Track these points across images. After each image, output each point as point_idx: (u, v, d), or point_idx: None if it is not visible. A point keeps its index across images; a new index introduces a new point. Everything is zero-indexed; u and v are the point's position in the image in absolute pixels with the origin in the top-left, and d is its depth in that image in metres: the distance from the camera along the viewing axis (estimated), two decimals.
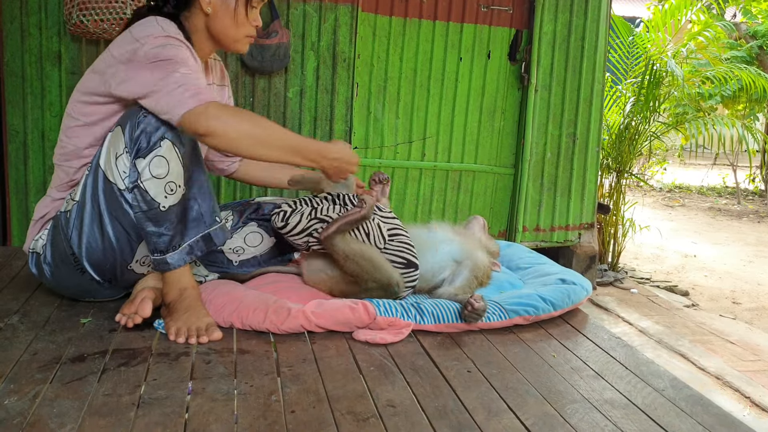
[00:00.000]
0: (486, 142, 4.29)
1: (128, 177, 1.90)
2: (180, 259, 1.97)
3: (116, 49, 1.94)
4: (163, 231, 1.92)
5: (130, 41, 1.91)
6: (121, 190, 1.92)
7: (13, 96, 3.46)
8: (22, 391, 1.56)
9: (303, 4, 3.77)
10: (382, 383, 1.71)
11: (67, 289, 2.11)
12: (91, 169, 1.98)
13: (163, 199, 1.90)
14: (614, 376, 1.85)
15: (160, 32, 1.91)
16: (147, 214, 1.91)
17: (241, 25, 2.06)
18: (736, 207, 8.94)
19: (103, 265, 2.01)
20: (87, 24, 3.24)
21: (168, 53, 1.87)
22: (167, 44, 1.89)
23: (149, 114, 1.87)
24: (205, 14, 2.05)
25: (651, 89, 5.09)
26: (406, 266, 2.17)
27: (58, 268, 2.05)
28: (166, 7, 2.05)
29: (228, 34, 2.08)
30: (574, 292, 2.32)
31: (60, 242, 2.01)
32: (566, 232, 4.46)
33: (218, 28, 2.07)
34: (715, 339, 3.91)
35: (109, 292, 2.11)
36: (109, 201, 1.94)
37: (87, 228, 1.97)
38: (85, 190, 1.97)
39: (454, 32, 4.11)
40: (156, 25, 1.93)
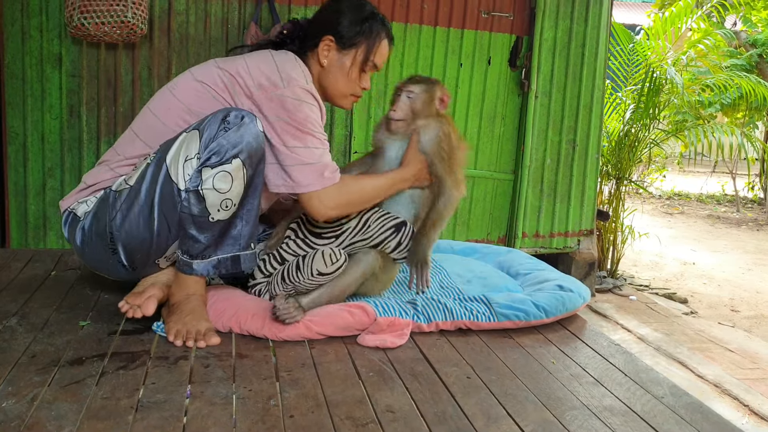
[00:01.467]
0: (486, 148, 4.29)
1: (191, 181, 1.92)
2: (204, 269, 1.99)
3: (253, 65, 2.00)
4: (202, 239, 1.95)
5: (271, 70, 1.98)
6: (180, 190, 1.94)
7: (13, 98, 3.47)
8: (20, 394, 1.55)
9: (304, 8, 3.77)
10: (381, 389, 1.71)
11: (89, 258, 2.11)
12: (154, 160, 1.98)
13: (216, 212, 1.93)
14: (613, 382, 1.84)
15: (302, 83, 1.99)
16: (194, 219, 1.93)
17: (351, 83, 2.14)
18: (735, 215, 8.95)
19: (136, 253, 2.02)
20: (88, 27, 3.25)
21: (306, 111, 1.97)
22: (305, 100, 1.98)
23: (230, 129, 1.90)
24: (320, 65, 2.11)
25: (651, 96, 5.10)
26: (397, 230, 2.16)
27: (91, 239, 2.04)
28: (291, 44, 2.13)
29: (337, 90, 2.15)
30: (570, 300, 2.32)
31: (104, 217, 2.02)
32: (565, 239, 4.46)
33: (329, 81, 2.13)
34: (713, 347, 3.91)
35: (125, 275, 2.11)
36: (163, 196, 1.95)
37: (133, 215, 1.98)
38: (144, 179, 1.98)
39: (455, 38, 4.12)
40: (299, 70, 2.01)
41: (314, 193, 1.99)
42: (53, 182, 3.56)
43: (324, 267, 2.04)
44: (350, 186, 2.08)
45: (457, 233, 4.31)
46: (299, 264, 2.06)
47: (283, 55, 2.05)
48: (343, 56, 2.11)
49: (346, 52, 2.11)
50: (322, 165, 1.99)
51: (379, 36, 2.13)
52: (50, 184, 3.56)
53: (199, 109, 2.01)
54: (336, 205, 2.04)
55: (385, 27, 2.15)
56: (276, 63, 2.00)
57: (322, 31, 2.10)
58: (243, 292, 2.21)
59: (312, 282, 2.06)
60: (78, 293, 2.25)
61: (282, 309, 1.96)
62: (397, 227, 2.15)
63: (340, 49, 2.10)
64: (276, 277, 2.11)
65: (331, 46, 2.10)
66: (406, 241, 2.15)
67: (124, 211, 1.98)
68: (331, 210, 2.03)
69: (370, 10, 2.13)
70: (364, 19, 2.11)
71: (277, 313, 1.96)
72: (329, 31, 2.09)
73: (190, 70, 2.09)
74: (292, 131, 1.96)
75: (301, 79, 1.99)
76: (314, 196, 2.00)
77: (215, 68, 2.03)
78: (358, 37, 2.10)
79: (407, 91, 2.18)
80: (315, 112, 2.01)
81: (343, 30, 2.09)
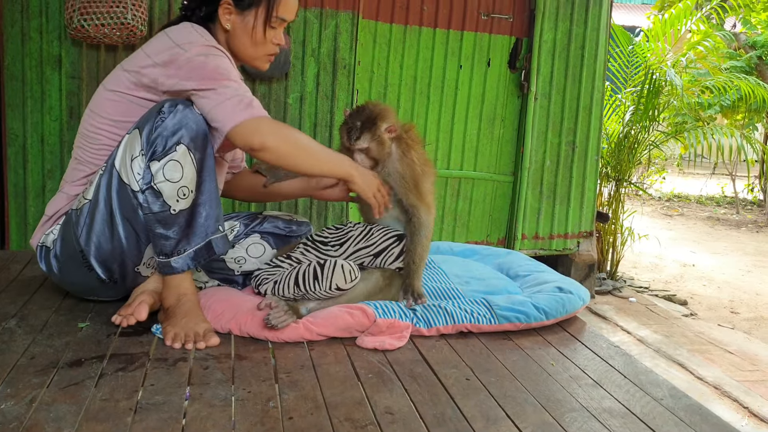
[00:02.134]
0: (485, 150, 4.29)
1: (142, 179, 1.92)
2: (184, 263, 1.98)
3: (152, 50, 1.97)
4: (171, 234, 1.94)
5: (169, 45, 1.95)
6: (135, 191, 1.93)
7: (12, 99, 3.47)
8: (19, 396, 1.55)
9: (304, 10, 3.77)
10: (381, 390, 1.70)
11: (72, 285, 2.12)
12: (105, 169, 1.99)
13: (175, 203, 1.91)
14: (613, 384, 1.84)
15: (201, 41, 1.95)
16: (157, 216, 1.92)
17: (259, 44, 2.08)
18: (735, 217, 8.95)
19: (111, 264, 2.02)
20: (88, 28, 3.24)
21: (213, 62, 1.93)
22: (209, 53, 1.94)
23: (167, 118, 1.89)
24: (225, 30, 2.07)
25: (650, 98, 5.10)
26: (399, 240, 2.18)
27: (65, 263, 2.05)
28: (194, 16, 2.07)
29: (247, 53, 2.11)
30: (570, 302, 2.32)
31: (70, 238, 2.02)
32: (565, 240, 4.46)
33: (237, 45, 2.09)
34: (713, 348, 3.91)
35: (113, 292, 2.11)
36: (122, 202, 1.95)
37: (98, 227, 1.98)
38: (99, 189, 1.98)
39: (455, 40, 4.12)
40: (195, 33, 1.97)
41: (246, 122, 1.90)
42: (53, 184, 3.56)
43: (344, 282, 2.07)
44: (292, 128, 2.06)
45: (456, 235, 4.31)
46: (317, 274, 2.07)
47: (178, 28, 2.00)
48: (245, 17, 2.05)
49: (248, 12, 2.05)
50: (248, 98, 1.93)
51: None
52: (50, 185, 3.56)
53: (122, 117, 2.01)
54: (272, 131, 1.93)
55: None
56: (170, 37, 1.96)
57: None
58: (241, 293, 2.22)
59: (328, 294, 2.08)
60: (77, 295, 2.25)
61: (273, 317, 1.97)
62: (398, 237, 2.18)
63: (240, 10, 2.04)
64: (288, 279, 2.11)
65: (230, 8, 2.04)
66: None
67: (87, 226, 1.99)
68: (268, 136, 1.91)
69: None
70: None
71: (272, 322, 1.96)
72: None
73: (102, 83, 2.08)
74: (208, 83, 1.91)
75: (199, 38, 1.95)
76: (246, 125, 1.90)
77: (122, 72, 2.02)
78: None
79: (358, 151, 2.13)
80: (225, 62, 1.96)
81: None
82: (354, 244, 2.19)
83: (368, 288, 2.16)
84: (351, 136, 2.12)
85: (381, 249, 2.17)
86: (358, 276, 2.10)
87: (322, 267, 2.08)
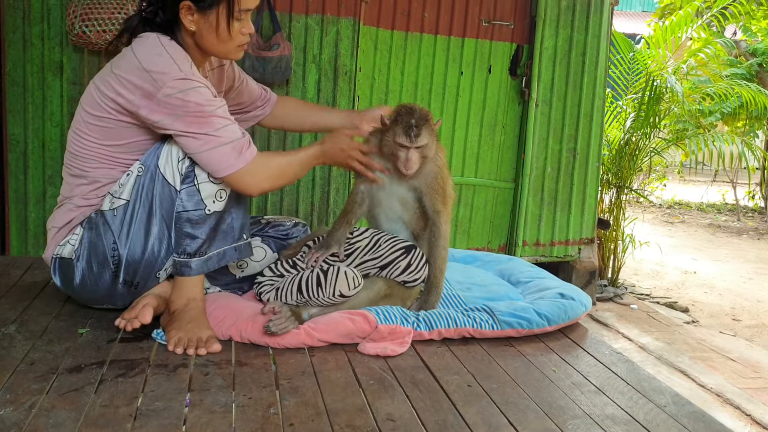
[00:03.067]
0: (486, 156, 4.29)
1: (186, 179, 1.96)
2: (202, 266, 2.01)
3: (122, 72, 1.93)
4: (198, 234, 1.98)
5: (137, 68, 1.90)
6: (178, 191, 1.97)
7: (14, 105, 3.47)
8: (18, 402, 1.54)
9: (305, 17, 3.78)
10: (382, 397, 1.70)
11: (92, 293, 2.10)
12: (145, 170, 1.99)
13: (211, 204, 1.98)
14: (615, 391, 1.83)
15: (174, 71, 1.90)
16: (189, 215, 1.97)
17: (226, 40, 2.02)
18: (736, 224, 8.94)
19: (138, 266, 2.02)
20: (89, 35, 3.25)
21: (194, 99, 1.91)
22: (186, 88, 1.90)
23: None
24: (191, 32, 2.02)
25: (651, 105, 5.10)
26: (407, 252, 2.16)
27: (91, 270, 2.04)
28: (158, 18, 2.01)
29: (216, 49, 2.06)
30: (572, 308, 2.31)
31: (100, 243, 2.02)
32: (566, 247, 4.45)
33: (205, 44, 2.04)
34: (715, 356, 3.90)
35: (127, 299, 2.11)
36: (162, 202, 1.98)
37: (135, 227, 2.00)
38: (139, 190, 1.99)
39: (456, 47, 4.12)
40: (165, 56, 1.91)
41: (243, 170, 1.96)
42: (53, 190, 3.55)
43: (347, 289, 2.08)
44: (273, 158, 2.11)
45: (457, 241, 4.30)
46: (320, 281, 2.07)
47: (145, 46, 1.94)
48: (208, 16, 1.98)
49: (209, 11, 1.97)
50: (239, 143, 1.95)
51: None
52: (50, 191, 3.55)
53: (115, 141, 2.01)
54: (268, 176, 2.02)
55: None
56: (140, 62, 1.91)
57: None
58: (242, 299, 2.21)
59: (331, 301, 2.08)
60: (77, 301, 2.24)
61: (273, 324, 1.96)
62: (407, 249, 2.16)
63: (202, 10, 1.97)
64: (291, 285, 2.10)
65: (192, 9, 1.97)
66: (416, 262, 2.15)
67: (126, 226, 2.00)
68: (264, 181, 2.02)
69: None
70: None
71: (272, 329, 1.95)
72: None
73: (80, 102, 2.05)
74: (194, 121, 1.91)
75: (171, 69, 1.90)
76: (244, 173, 1.96)
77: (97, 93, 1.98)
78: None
79: (415, 149, 2.09)
80: (203, 93, 1.93)
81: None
82: (360, 256, 2.17)
83: (370, 296, 2.15)
84: (411, 136, 2.08)
85: (388, 262, 2.15)
86: (361, 283, 2.10)
87: (325, 274, 2.07)
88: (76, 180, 2.08)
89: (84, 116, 2.01)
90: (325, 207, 3.93)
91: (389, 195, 2.23)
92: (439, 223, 2.20)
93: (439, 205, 2.19)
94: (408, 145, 2.09)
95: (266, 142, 3.81)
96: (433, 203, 2.19)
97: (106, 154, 2.03)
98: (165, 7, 2.00)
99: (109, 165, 2.04)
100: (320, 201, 3.95)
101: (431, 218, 2.21)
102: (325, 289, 2.06)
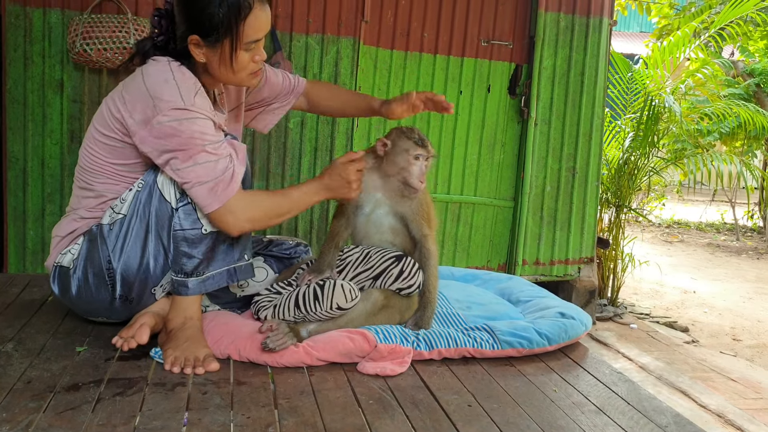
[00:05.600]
0: (486, 175, 4.30)
1: (182, 195, 1.95)
2: (199, 286, 2.00)
3: (130, 97, 1.93)
4: (195, 254, 1.97)
5: (144, 97, 1.90)
6: (174, 209, 1.96)
7: (14, 123, 3.47)
8: (15, 420, 1.53)
9: (305, 36, 3.80)
10: (381, 417, 1.68)
11: (87, 304, 2.09)
12: (144, 185, 1.99)
13: (207, 224, 1.96)
14: (616, 411, 1.82)
15: (176, 102, 1.89)
16: (186, 234, 1.96)
17: (237, 70, 2.00)
18: (735, 243, 8.94)
19: (133, 281, 2.01)
20: (90, 53, 3.27)
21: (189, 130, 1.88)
22: (184, 118, 1.88)
23: None
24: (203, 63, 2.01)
25: (650, 125, 5.11)
26: (397, 260, 2.16)
27: (87, 282, 2.04)
28: (170, 44, 2.01)
29: (229, 78, 2.05)
30: (572, 327, 2.30)
31: (96, 256, 2.01)
32: (566, 266, 4.44)
33: (217, 74, 2.03)
34: (716, 376, 3.88)
35: (124, 314, 2.10)
36: (159, 218, 1.97)
37: (130, 242, 1.99)
38: (137, 205, 1.98)
39: (455, 66, 4.14)
40: (171, 85, 1.90)
41: (221, 210, 1.92)
42: (52, 207, 3.55)
43: (344, 302, 2.08)
44: (259, 198, 2.05)
45: (457, 260, 4.30)
46: (317, 295, 2.07)
47: (156, 72, 1.93)
48: (216, 49, 1.96)
49: (217, 44, 1.95)
50: (216, 182, 1.91)
51: (243, 11, 1.92)
52: (49, 209, 3.55)
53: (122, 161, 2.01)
54: (249, 218, 1.96)
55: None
56: (147, 88, 1.90)
57: (185, 31, 1.96)
58: (240, 317, 2.20)
59: (329, 315, 2.08)
60: (75, 319, 2.23)
61: (271, 340, 1.95)
62: (397, 257, 2.17)
63: (210, 44, 1.95)
64: (288, 302, 2.10)
65: (199, 43, 1.95)
66: (409, 268, 2.15)
67: (121, 240, 1.99)
68: (245, 223, 1.96)
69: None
70: (219, 2, 1.91)
71: (269, 345, 1.94)
72: (190, 30, 1.95)
73: (93, 119, 2.06)
74: (181, 155, 1.89)
75: (173, 98, 1.89)
76: (223, 212, 1.92)
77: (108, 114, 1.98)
78: (220, 28, 1.92)
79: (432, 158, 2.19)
80: (200, 125, 1.90)
81: (203, 25, 1.93)
82: (353, 269, 2.18)
83: (367, 308, 2.15)
84: (427, 145, 2.17)
85: (380, 271, 2.15)
86: (358, 296, 2.10)
87: (322, 287, 2.07)
88: (83, 192, 2.08)
89: (94, 133, 2.02)
90: (324, 225, 3.92)
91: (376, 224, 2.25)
92: (427, 245, 2.22)
93: (425, 230, 2.23)
94: (426, 153, 2.15)
95: (266, 161, 3.81)
96: (420, 228, 2.23)
97: (113, 171, 2.03)
98: (175, 39, 2.00)
99: (115, 181, 2.04)
100: (319, 219, 3.95)
101: (419, 241, 2.24)
102: (322, 303, 2.06)
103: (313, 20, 3.81)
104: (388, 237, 2.26)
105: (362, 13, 3.87)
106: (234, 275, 2.06)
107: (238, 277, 2.07)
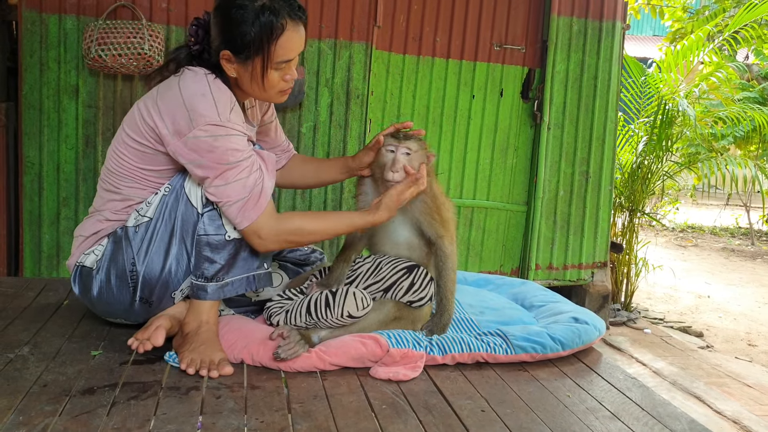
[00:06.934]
0: (498, 179, 4.29)
1: (208, 200, 1.97)
2: (218, 292, 2.01)
3: (165, 107, 1.94)
4: (217, 259, 1.99)
5: (180, 109, 1.91)
6: (200, 214, 1.98)
7: (30, 128, 3.51)
8: (31, 423, 1.54)
9: (318, 41, 3.81)
10: (395, 422, 1.68)
11: (107, 305, 2.10)
12: (171, 190, 2.01)
13: (232, 230, 1.98)
14: (631, 417, 1.81)
15: (212, 117, 1.89)
16: (210, 239, 1.97)
17: (267, 87, 2.02)
18: (750, 248, 8.87)
19: (154, 284, 2.02)
20: (105, 59, 3.29)
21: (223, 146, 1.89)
22: (219, 135, 1.89)
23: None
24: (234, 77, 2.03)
25: (663, 129, 5.09)
26: (409, 271, 2.15)
27: (109, 283, 2.05)
28: (205, 54, 2.03)
29: (258, 95, 2.07)
30: (586, 332, 2.29)
31: (120, 258, 2.03)
32: (579, 271, 4.43)
33: (247, 89, 2.05)
34: (731, 381, 3.85)
35: (142, 316, 2.11)
36: (184, 223, 1.99)
37: (155, 245, 2.00)
38: (163, 209, 2.00)
39: (467, 70, 4.15)
40: (208, 99, 1.91)
41: (250, 228, 1.95)
42: (67, 212, 3.58)
43: (356, 310, 2.07)
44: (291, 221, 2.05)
45: (469, 265, 4.29)
46: (329, 302, 2.06)
47: (193, 85, 1.94)
48: (247, 66, 1.97)
49: (248, 62, 1.96)
50: (244, 202, 1.93)
51: (275, 31, 1.93)
52: (64, 213, 3.58)
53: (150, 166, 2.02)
54: (276, 240, 2.00)
55: (281, 14, 1.92)
56: (184, 99, 1.91)
57: (218, 45, 1.98)
58: (253, 322, 2.21)
59: (340, 322, 2.07)
60: (90, 322, 2.25)
61: (283, 350, 1.96)
62: (409, 269, 2.15)
63: (241, 60, 1.97)
64: (299, 308, 2.10)
65: (231, 59, 1.97)
66: (420, 281, 2.14)
67: (146, 243, 2.01)
68: (271, 243, 2.00)
69: (254, 9, 1.91)
70: (252, 21, 1.91)
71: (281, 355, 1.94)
72: (222, 45, 1.96)
73: (123, 123, 2.06)
74: (214, 170, 1.91)
75: (209, 112, 1.90)
76: (252, 231, 1.95)
77: (140, 119, 1.99)
78: (252, 45, 1.93)
79: (405, 147, 2.13)
80: (235, 141, 1.91)
81: (235, 41, 1.94)
82: (364, 281, 2.17)
83: (380, 318, 2.14)
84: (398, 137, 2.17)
85: (390, 283, 2.14)
86: (370, 304, 2.09)
87: (333, 295, 2.07)
88: (108, 195, 2.09)
89: (124, 137, 2.03)
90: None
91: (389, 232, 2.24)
92: (443, 247, 2.19)
93: (440, 230, 2.19)
94: (396, 143, 2.13)
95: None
96: (434, 229, 2.19)
97: (141, 176, 2.04)
98: (210, 51, 2.02)
99: (142, 185, 2.05)
100: None
101: (435, 243, 2.20)
102: (333, 310, 2.05)
103: (325, 25, 3.83)
104: (404, 245, 2.24)
105: (375, 18, 3.88)
106: (253, 283, 2.07)
107: (256, 284, 2.08)
